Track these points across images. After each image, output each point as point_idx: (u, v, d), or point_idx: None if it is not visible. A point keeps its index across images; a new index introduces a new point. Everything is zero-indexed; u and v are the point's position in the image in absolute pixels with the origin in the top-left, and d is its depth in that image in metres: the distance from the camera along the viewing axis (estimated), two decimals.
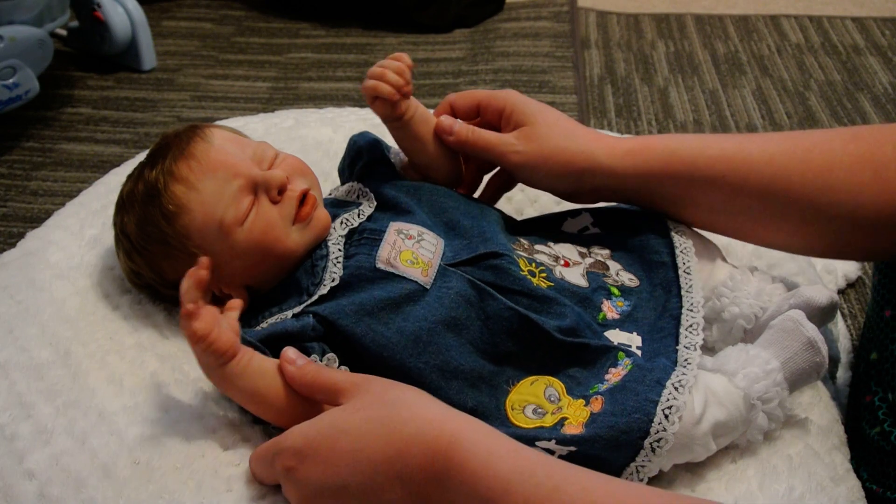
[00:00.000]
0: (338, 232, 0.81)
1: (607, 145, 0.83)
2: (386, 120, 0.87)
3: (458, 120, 0.87)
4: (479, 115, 0.88)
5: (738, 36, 1.90)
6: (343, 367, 0.74)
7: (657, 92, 1.69)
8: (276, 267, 0.80)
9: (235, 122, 1.09)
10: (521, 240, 0.85)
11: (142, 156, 0.87)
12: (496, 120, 0.87)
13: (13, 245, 0.92)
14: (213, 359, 0.68)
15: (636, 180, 0.83)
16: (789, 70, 1.77)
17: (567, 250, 0.85)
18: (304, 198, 0.80)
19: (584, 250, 0.86)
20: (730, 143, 0.82)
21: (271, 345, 0.73)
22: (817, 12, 2.02)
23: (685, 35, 1.91)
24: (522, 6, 1.98)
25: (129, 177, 0.83)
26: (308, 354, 0.72)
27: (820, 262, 1.09)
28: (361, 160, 0.90)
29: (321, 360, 0.73)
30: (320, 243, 0.81)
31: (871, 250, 0.83)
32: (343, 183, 0.93)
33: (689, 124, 1.59)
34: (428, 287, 0.76)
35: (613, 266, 0.85)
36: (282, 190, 0.79)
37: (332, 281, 0.77)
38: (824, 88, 1.70)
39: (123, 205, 0.82)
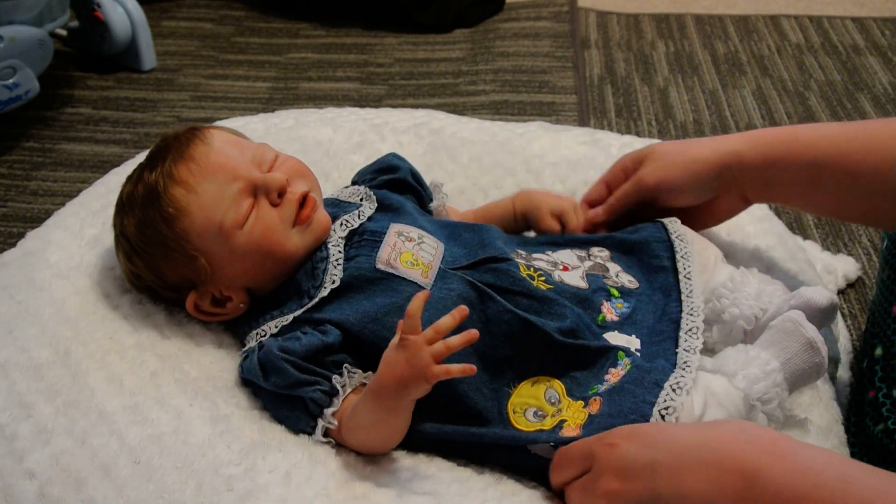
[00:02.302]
0: (338, 234, 0.81)
1: (738, 136, 0.85)
2: None
3: (600, 206, 0.92)
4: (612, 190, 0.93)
5: (738, 36, 1.90)
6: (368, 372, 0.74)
7: (657, 92, 1.69)
8: (276, 269, 0.80)
9: (235, 123, 1.09)
10: (519, 250, 0.85)
11: (142, 156, 0.87)
12: (624, 178, 0.92)
13: (13, 245, 0.92)
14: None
15: (763, 167, 0.83)
16: (789, 70, 1.77)
17: (566, 256, 0.85)
18: (304, 200, 0.80)
19: (583, 254, 0.86)
20: (852, 124, 0.83)
21: (311, 360, 0.73)
22: (817, 12, 2.02)
23: (685, 35, 1.91)
24: (522, 6, 1.98)
25: (129, 178, 0.83)
26: (339, 367, 0.73)
27: (820, 262, 1.09)
28: (391, 175, 0.90)
29: (345, 375, 0.74)
30: (320, 245, 0.81)
31: None
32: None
33: (689, 124, 1.59)
34: (428, 288, 0.76)
35: (613, 268, 0.85)
36: (282, 192, 0.79)
37: (333, 283, 0.77)
38: (824, 88, 1.70)
39: (123, 207, 0.82)
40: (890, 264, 0.83)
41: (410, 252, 0.79)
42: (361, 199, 0.87)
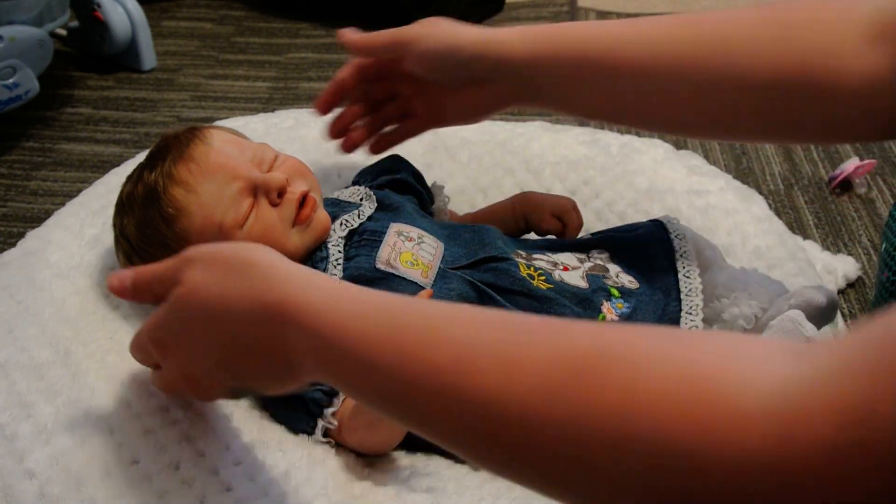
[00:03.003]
0: (337, 233, 0.81)
1: (499, 29, 0.83)
2: None
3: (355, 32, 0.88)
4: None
5: None
6: None
7: None
8: None
9: (235, 122, 1.09)
10: (520, 251, 0.85)
11: (142, 156, 0.87)
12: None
13: (13, 245, 0.92)
14: None
15: (526, 60, 0.80)
16: None
17: (566, 258, 0.85)
18: (303, 200, 0.80)
19: (583, 256, 0.86)
20: (621, 21, 0.81)
21: None
22: None
23: None
24: (522, 6, 1.98)
25: (129, 178, 0.83)
26: None
27: (820, 262, 1.09)
28: (392, 175, 0.90)
29: None
30: (320, 245, 0.81)
31: (766, 123, 0.77)
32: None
33: None
34: (428, 288, 0.77)
35: (613, 268, 0.85)
36: (281, 192, 0.79)
37: (334, 279, 0.77)
38: None
39: (123, 207, 0.82)
40: (889, 266, 0.83)
41: (410, 252, 0.79)
42: (361, 199, 0.87)
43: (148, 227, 0.79)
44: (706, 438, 0.40)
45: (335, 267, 0.78)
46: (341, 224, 0.82)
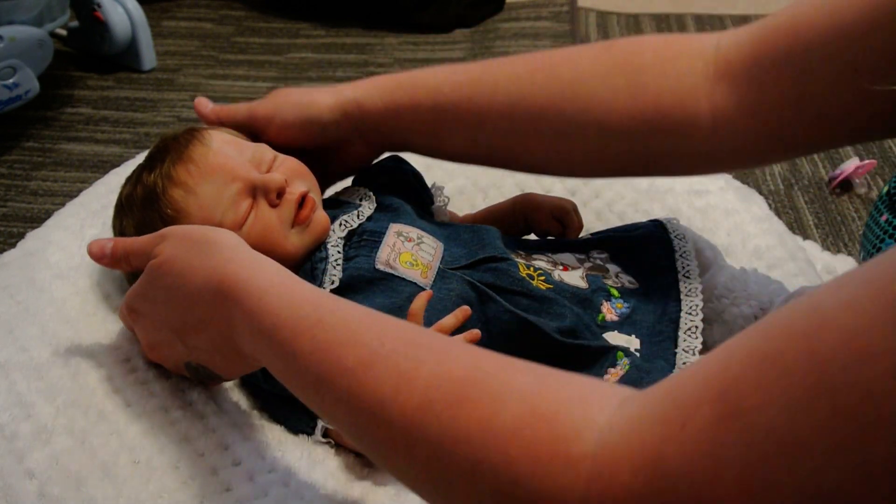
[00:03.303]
0: (336, 234, 0.81)
1: (351, 85, 0.84)
2: None
3: (210, 103, 0.89)
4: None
5: None
6: None
7: None
8: None
9: None
10: (519, 251, 0.85)
11: (142, 156, 0.87)
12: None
13: (13, 245, 0.92)
14: None
15: (385, 114, 0.82)
16: None
17: (565, 258, 0.85)
18: (302, 200, 0.80)
19: (582, 256, 0.86)
20: (477, 67, 0.82)
21: None
22: None
23: None
24: (522, 6, 1.98)
25: (128, 180, 0.83)
26: None
27: (820, 262, 1.09)
28: (392, 175, 0.90)
29: None
30: (320, 245, 0.81)
31: (627, 163, 0.80)
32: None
33: None
34: (427, 289, 0.77)
35: (613, 268, 0.85)
36: (280, 193, 0.79)
37: (332, 283, 0.77)
38: None
39: (122, 208, 0.82)
40: None
41: (410, 252, 0.79)
42: (361, 200, 0.87)
43: (147, 228, 0.79)
44: (543, 475, 0.44)
45: (335, 267, 0.78)
46: (340, 224, 0.82)
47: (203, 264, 0.65)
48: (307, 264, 0.80)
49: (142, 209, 0.79)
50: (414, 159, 0.95)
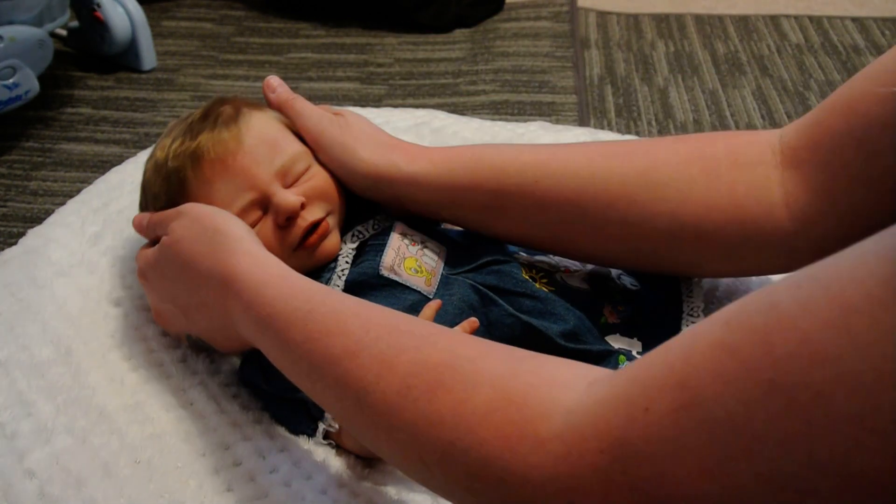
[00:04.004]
0: (349, 245, 0.80)
1: (408, 153, 0.79)
2: None
3: (280, 86, 0.85)
4: None
5: (738, 36, 1.90)
6: None
7: (657, 92, 1.69)
8: None
9: None
10: (522, 253, 0.84)
11: (142, 156, 0.87)
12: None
13: (13, 245, 0.92)
14: None
15: (440, 191, 0.78)
16: (789, 70, 1.77)
17: (568, 261, 0.85)
18: (314, 228, 0.78)
19: None
20: (546, 150, 0.78)
21: None
22: (817, 12, 2.02)
23: (685, 35, 1.91)
24: (522, 6, 1.98)
25: (169, 134, 0.81)
26: None
27: None
28: None
29: None
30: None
31: (700, 257, 0.76)
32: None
33: (689, 124, 1.59)
34: (431, 297, 0.76)
35: (615, 271, 0.85)
36: (291, 217, 0.77)
37: (336, 288, 0.77)
38: (824, 88, 1.70)
39: (154, 167, 0.81)
40: None
41: (414, 258, 0.79)
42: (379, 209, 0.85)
43: (163, 195, 0.79)
44: (513, 455, 0.46)
45: (339, 278, 0.78)
46: (353, 236, 0.81)
47: (209, 252, 0.69)
48: (313, 274, 0.79)
49: (164, 180, 0.79)
50: None
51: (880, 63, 0.65)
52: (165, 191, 0.79)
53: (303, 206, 0.77)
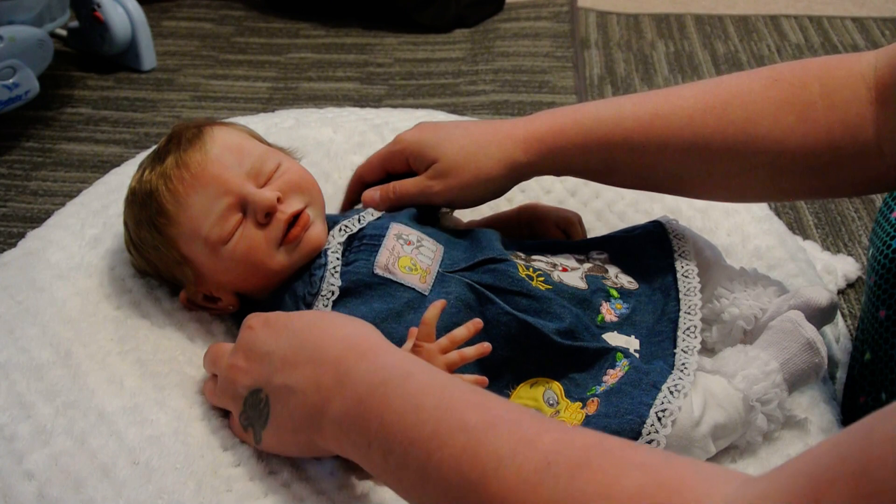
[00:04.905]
0: (336, 239, 0.81)
1: (521, 143, 0.83)
2: None
3: (377, 188, 0.87)
4: (390, 173, 0.88)
5: (738, 36, 1.90)
6: None
7: None
8: (264, 281, 0.80)
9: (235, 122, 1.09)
10: (518, 252, 0.85)
11: (142, 156, 0.87)
12: (406, 167, 0.87)
13: (13, 245, 0.92)
14: None
15: (558, 164, 0.84)
16: None
17: (565, 259, 0.85)
18: (295, 219, 0.79)
19: (582, 257, 0.86)
20: (645, 111, 0.81)
21: None
22: (817, 12, 2.02)
23: (685, 35, 1.91)
24: (522, 6, 1.98)
25: (140, 166, 0.83)
26: None
27: (820, 262, 1.09)
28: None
29: None
30: (319, 253, 0.80)
31: (799, 193, 0.87)
32: None
33: None
34: (426, 294, 0.76)
35: (612, 269, 0.85)
36: (270, 213, 0.78)
37: (332, 294, 0.77)
38: None
39: (128, 200, 0.83)
40: (876, 270, 0.83)
41: (409, 257, 0.79)
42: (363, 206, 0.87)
43: (142, 229, 0.80)
44: None
45: (333, 275, 0.78)
46: (340, 230, 0.81)
47: (340, 334, 0.66)
48: (305, 271, 0.79)
49: (140, 207, 0.80)
50: None
51: None
52: (146, 218, 0.79)
53: (280, 201, 0.78)
